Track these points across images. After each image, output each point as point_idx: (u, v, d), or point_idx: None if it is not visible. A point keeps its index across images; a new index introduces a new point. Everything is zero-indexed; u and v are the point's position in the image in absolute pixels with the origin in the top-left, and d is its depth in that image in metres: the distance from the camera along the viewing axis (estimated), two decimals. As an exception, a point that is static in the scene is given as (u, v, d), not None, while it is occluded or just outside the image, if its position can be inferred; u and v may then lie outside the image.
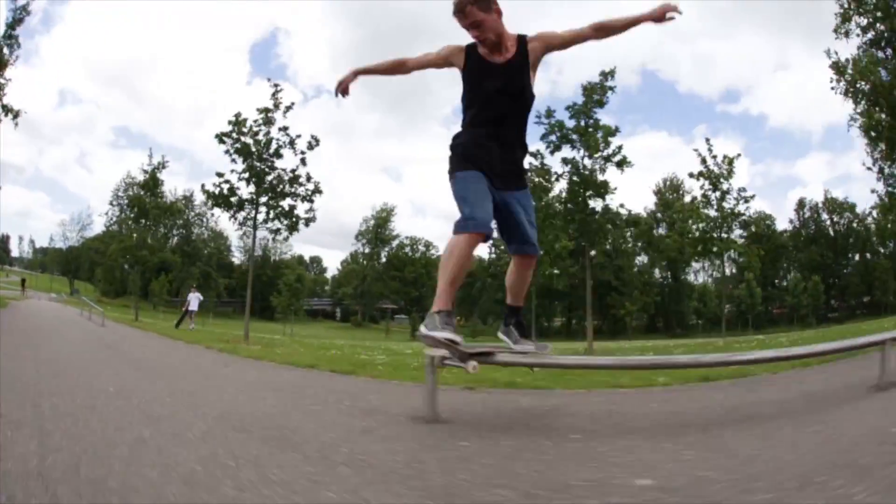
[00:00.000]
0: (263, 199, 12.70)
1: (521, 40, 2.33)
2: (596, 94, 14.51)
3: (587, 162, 14.66)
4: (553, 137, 14.78)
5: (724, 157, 16.03)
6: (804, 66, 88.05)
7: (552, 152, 14.97)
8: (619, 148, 14.57)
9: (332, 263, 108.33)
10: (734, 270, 36.63)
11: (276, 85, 12.73)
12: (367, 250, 70.85)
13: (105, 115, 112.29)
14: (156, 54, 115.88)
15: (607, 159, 14.59)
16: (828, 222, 57.60)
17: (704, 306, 56.56)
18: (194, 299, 18.57)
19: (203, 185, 13.17)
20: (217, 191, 12.82)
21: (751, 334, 29.62)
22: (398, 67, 2.47)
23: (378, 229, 69.60)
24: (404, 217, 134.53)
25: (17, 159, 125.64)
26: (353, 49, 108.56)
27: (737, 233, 17.78)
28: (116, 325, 14.33)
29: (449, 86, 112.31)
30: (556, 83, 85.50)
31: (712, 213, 16.07)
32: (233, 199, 12.72)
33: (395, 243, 70.72)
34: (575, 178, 14.77)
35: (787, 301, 53.33)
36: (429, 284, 56.58)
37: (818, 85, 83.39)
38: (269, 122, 12.72)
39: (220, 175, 12.79)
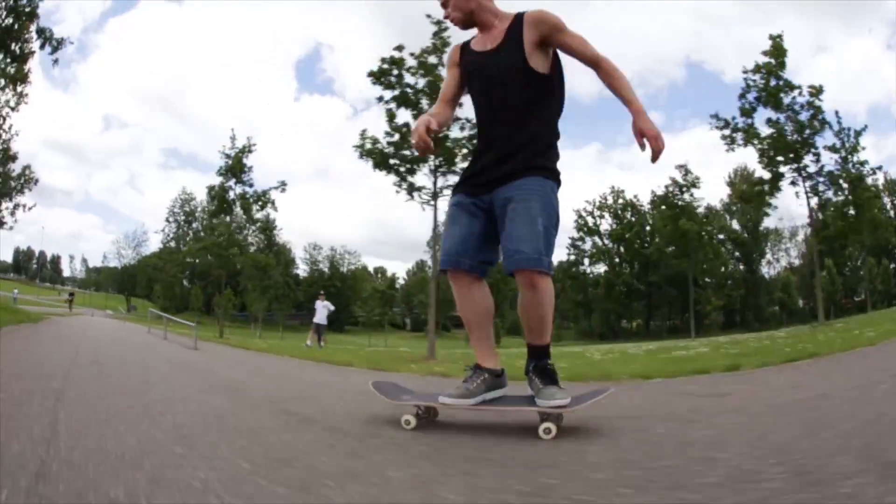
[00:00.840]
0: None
1: (517, 18, 1.95)
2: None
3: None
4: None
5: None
6: (843, 45, 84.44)
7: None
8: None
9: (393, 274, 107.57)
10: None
11: (438, 22, 9.48)
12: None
13: (153, 137, 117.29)
14: (199, 76, 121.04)
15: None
16: (888, 205, 52.42)
17: (789, 297, 53.35)
18: (322, 309, 14.33)
19: (362, 134, 10.00)
20: (370, 145, 9.87)
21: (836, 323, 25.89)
22: (445, 112, 2.06)
23: None
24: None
25: (65, 184, 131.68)
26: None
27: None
28: (211, 345, 10.34)
29: None
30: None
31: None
32: (396, 161, 9.77)
33: None
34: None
35: (859, 287, 50.76)
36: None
37: (859, 65, 78.36)
38: (426, 68, 9.68)
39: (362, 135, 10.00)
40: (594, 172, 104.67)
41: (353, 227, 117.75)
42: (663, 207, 33.46)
